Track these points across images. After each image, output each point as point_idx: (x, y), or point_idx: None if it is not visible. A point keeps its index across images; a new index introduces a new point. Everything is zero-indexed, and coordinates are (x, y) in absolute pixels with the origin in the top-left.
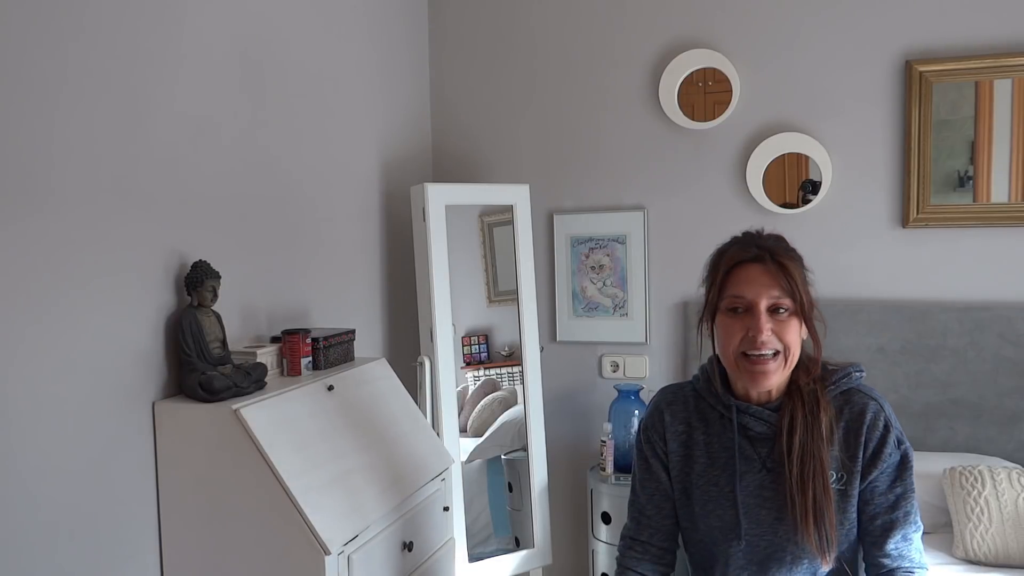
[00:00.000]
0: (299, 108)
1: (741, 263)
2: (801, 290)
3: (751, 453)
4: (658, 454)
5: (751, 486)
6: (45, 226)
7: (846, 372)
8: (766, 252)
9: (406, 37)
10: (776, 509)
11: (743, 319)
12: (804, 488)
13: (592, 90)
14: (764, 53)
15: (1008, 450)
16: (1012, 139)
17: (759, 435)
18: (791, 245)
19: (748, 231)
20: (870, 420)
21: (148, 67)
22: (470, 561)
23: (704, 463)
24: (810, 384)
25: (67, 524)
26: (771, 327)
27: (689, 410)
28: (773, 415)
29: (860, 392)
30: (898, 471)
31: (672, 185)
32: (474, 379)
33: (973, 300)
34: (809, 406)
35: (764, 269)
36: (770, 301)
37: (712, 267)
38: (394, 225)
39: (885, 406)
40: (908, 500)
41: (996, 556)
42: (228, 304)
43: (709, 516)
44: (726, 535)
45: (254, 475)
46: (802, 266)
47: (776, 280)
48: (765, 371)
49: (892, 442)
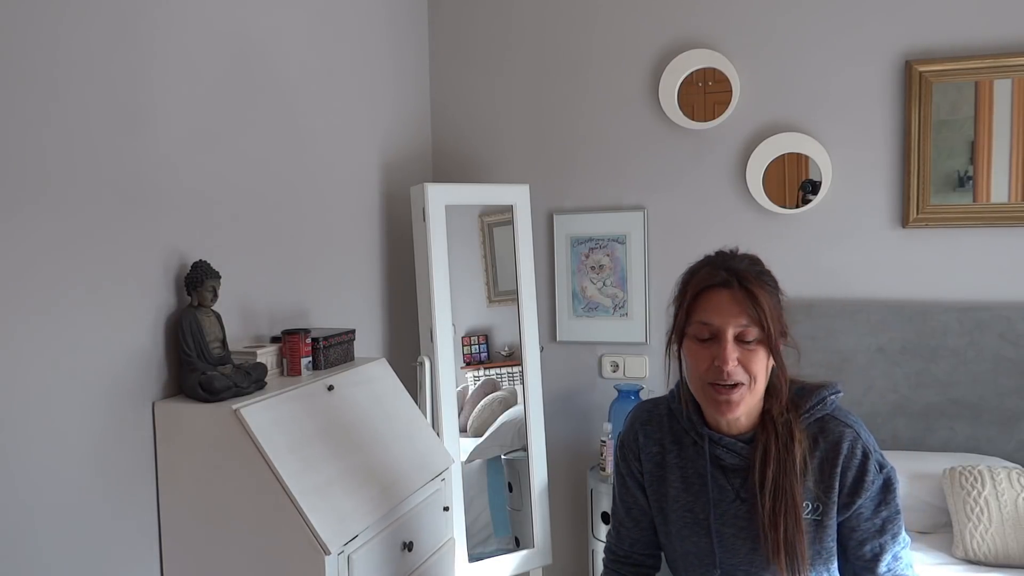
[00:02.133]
0: (299, 108)
1: (709, 287)
2: (769, 319)
3: (724, 483)
4: (633, 472)
5: (726, 515)
6: (45, 226)
7: (820, 397)
8: (735, 277)
9: (406, 37)
10: (751, 540)
11: (710, 347)
12: (776, 523)
13: (592, 90)
14: (764, 53)
15: (1008, 450)
16: (1012, 139)
17: (732, 466)
18: (765, 268)
19: (722, 251)
20: (847, 450)
21: (148, 67)
22: (470, 561)
23: (678, 487)
24: (783, 414)
25: (67, 524)
26: (737, 356)
27: (663, 431)
28: (746, 447)
29: (835, 419)
30: (882, 494)
31: (672, 185)
32: (474, 379)
33: (973, 300)
34: (783, 439)
35: (732, 296)
36: (737, 329)
37: (681, 289)
38: (394, 225)
39: (862, 432)
40: (895, 522)
41: (996, 556)
42: (228, 304)
43: (684, 542)
44: (702, 562)
45: (254, 475)
46: (774, 291)
47: (743, 308)
48: (730, 401)
49: (873, 469)
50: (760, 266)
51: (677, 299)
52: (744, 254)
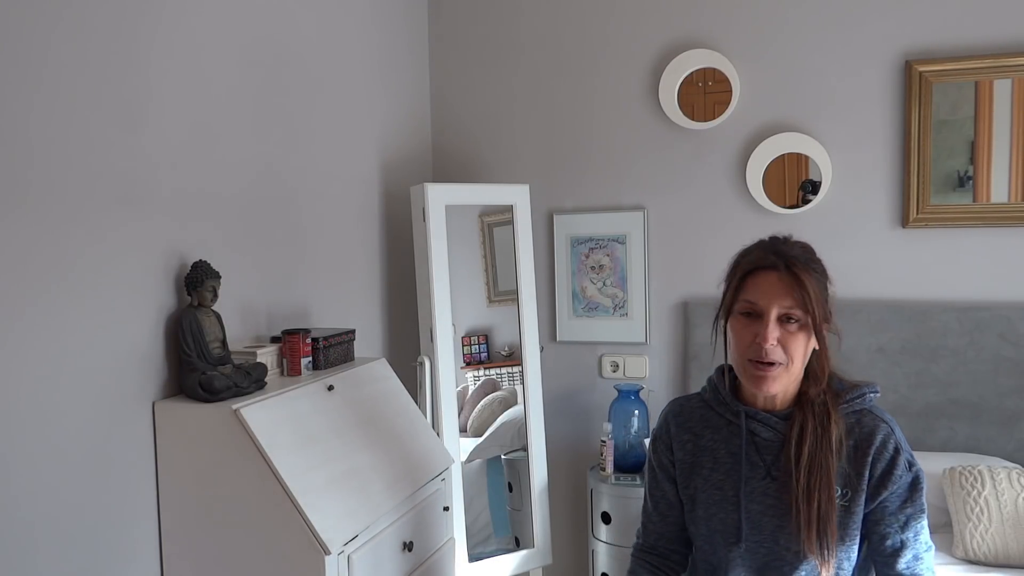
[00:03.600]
0: (299, 108)
1: (758, 269)
2: (814, 304)
3: (756, 459)
4: (664, 465)
5: (755, 492)
6: (45, 226)
7: (861, 392)
8: (783, 261)
9: (406, 37)
10: (778, 517)
11: (753, 325)
12: (810, 498)
13: (592, 90)
14: (764, 53)
15: (1008, 450)
16: (1012, 139)
17: (766, 441)
18: (815, 256)
19: (775, 236)
20: (879, 442)
21: (149, 67)
22: (470, 561)
23: (709, 467)
24: (820, 396)
25: (67, 524)
26: (778, 336)
27: (695, 420)
28: (781, 423)
29: (872, 414)
30: (909, 492)
31: (672, 185)
32: (474, 379)
33: (973, 300)
34: (820, 418)
35: (780, 278)
36: (781, 311)
37: (732, 268)
38: (394, 225)
39: (896, 429)
40: (918, 520)
41: (996, 556)
42: (228, 304)
43: (711, 520)
44: (727, 539)
45: (254, 475)
46: (822, 279)
47: (790, 291)
48: (766, 376)
49: (903, 464)
50: (810, 254)
51: (727, 278)
52: (796, 241)
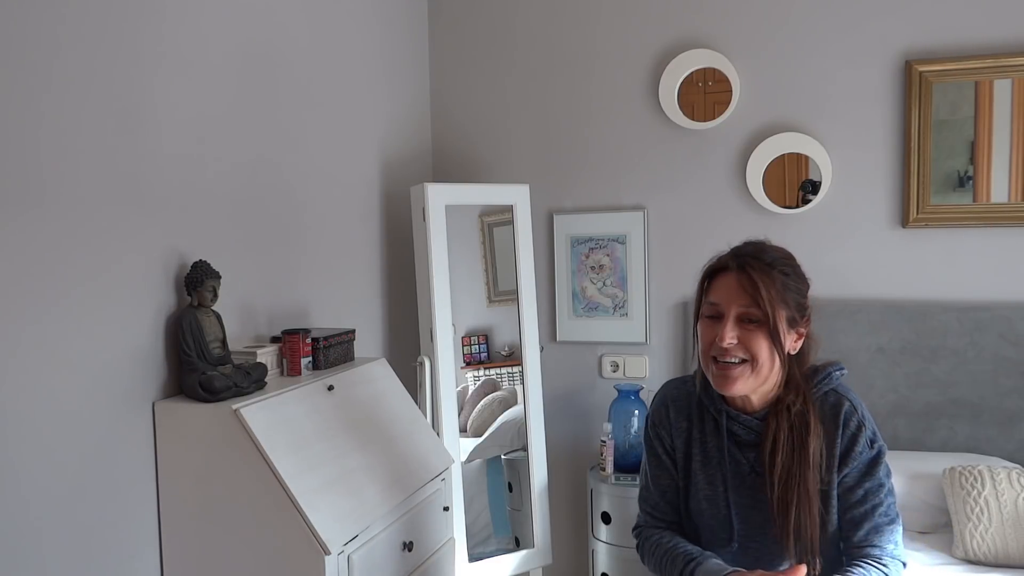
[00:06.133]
0: (299, 108)
1: (717, 271)
2: (767, 303)
3: (740, 457)
4: (664, 444)
5: (741, 487)
6: (45, 226)
7: (827, 373)
8: (739, 262)
9: (406, 37)
10: (765, 512)
11: (716, 325)
12: (786, 511)
13: (592, 90)
14: (764, 53)
15: (1008, 450)
16: (1012, 139)
17: (746, 442)
18: (788, 260)
19: (748, 240)
20: (843, 419)
21: (149, 67)
22: (470, 561)
23: (700, 460)
24: (798, 404)
25: (67, 524)
26: (737, 335)
27: (691, 407)
28: (759, 424)
29: (836, 393)
30: (868, 466)
31: (672, 185)
32: (474, 379)
33: (973, 300)
34: (798, 430)
35: (737, 279)
36: (739, 310)
37: (701, 273)
38: (394, 225)
39: (859, 406)
40: (878, 494)
41: (996, 556)
42: (228, 304)
43: (703, 515)
44: (720, 538)
45: (254, 475)
46: (790, 281)
47: (745, 291)
48: (727, 375)
49: (864, 440)
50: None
51: (698, 283)
52: (770, 245)
